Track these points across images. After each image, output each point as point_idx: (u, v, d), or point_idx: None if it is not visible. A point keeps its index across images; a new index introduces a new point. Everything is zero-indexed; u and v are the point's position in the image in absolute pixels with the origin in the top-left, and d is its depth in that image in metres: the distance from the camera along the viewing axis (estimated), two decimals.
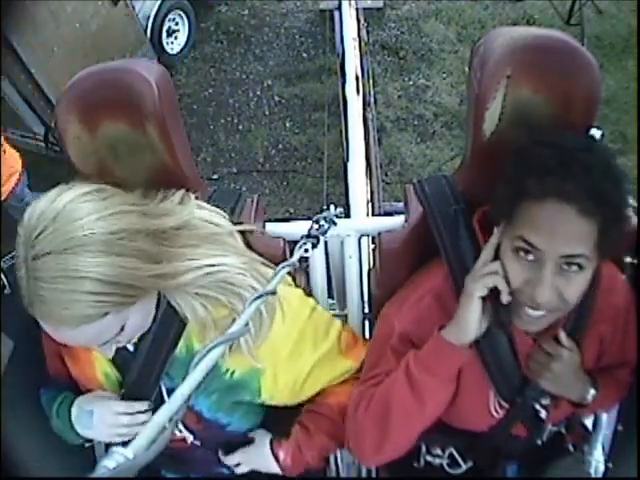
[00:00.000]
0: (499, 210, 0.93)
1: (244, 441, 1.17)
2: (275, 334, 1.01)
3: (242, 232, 1.08)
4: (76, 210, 0.83)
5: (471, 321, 0.94)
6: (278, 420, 1.18)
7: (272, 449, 1.13)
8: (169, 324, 1.00)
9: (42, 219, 0.82)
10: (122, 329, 0.90)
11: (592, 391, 1.04)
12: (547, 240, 0.85)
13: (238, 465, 1.16)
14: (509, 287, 0.91)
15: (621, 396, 1.13)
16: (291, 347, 1.06)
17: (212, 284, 0.96)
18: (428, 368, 0.98)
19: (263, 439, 1.15)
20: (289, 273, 0.98)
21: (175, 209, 0.98)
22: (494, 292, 0.92)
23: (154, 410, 1.05)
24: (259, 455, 1.14)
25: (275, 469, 1.13)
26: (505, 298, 0.92)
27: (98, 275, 0.82)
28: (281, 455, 1.13)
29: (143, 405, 1.05)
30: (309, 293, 1.27)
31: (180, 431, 1.11)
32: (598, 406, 1.12)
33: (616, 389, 1.10)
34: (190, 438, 1.12)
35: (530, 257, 0.88)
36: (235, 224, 1.07)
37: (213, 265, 0.96)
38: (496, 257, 0.94)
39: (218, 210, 1.05)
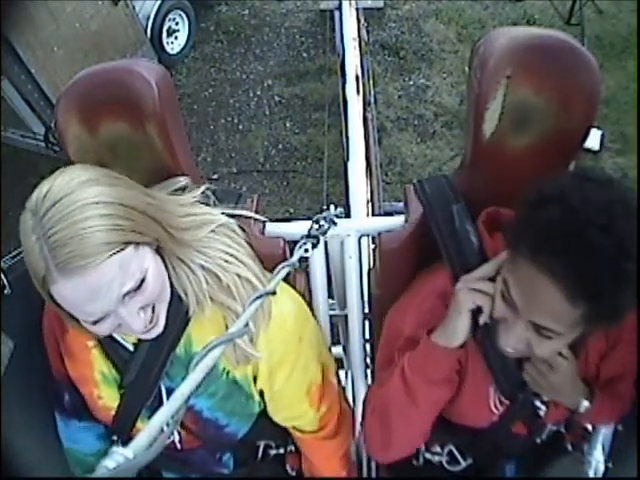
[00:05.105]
0: (508, 238, 0.89)
1: (238, 444, 1.18)
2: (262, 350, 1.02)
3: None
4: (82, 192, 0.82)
5: (459, 329, 0.96)
6: (268, 426, 1.20)
7: None
8: (173, 320, 0.99)
9: (48, 197, 0.80)
10: (143, 282, 0.86)
11: (585, 403, 1.04)
12: (523, 301, 0.84)
13: None
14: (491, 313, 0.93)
15: (622, 411, 1.10)
16: (271, 366, 1.06)
17: (215, 257, 0.97)
18: (419, 369, 1.00)
19: None
20: (288, 274, 0.97)
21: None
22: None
23: (154, 410, 1.06)
24: None
25: None
26: (482, 320, 0.94)
27: (107, 199, 0.81)
28: None
29: None
30: (309, 294, 1.27)
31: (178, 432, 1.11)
32: (595, 418, 1.12)
33: (616, 403, 1.08)
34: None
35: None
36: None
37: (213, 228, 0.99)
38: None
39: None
